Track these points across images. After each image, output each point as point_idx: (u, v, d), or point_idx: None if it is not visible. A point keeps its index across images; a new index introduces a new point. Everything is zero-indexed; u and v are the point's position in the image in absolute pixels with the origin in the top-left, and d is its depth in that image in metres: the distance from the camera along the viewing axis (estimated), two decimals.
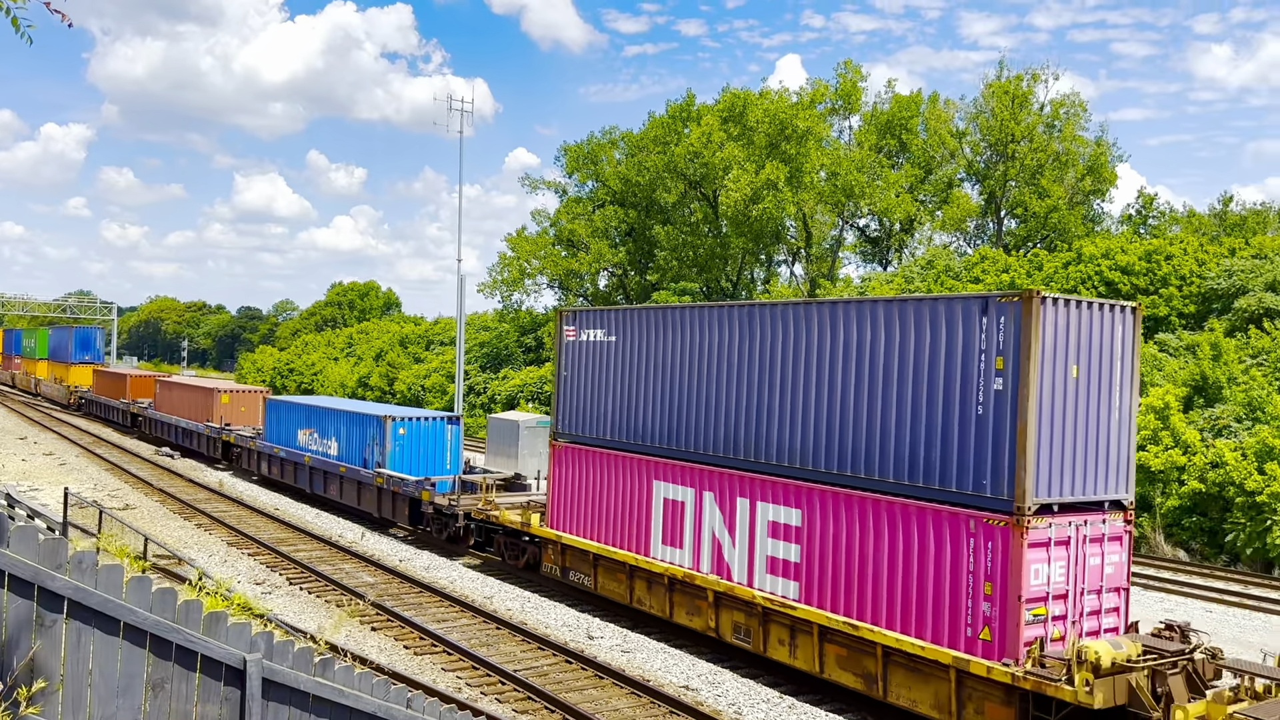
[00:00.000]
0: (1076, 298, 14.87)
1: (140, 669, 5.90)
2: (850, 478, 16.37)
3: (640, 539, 20.53)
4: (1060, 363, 14.43)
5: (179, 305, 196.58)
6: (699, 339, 19.49)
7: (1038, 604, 14.10)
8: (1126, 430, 15.35)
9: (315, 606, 21.62)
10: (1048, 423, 14.21)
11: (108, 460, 43.38)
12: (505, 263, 72.73)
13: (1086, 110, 58.06)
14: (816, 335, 17.14)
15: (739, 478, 18.41)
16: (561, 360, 23.05)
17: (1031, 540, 13.97)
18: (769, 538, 17.72)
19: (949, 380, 15.01)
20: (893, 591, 15.55)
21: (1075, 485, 14.70)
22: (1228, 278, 41.73)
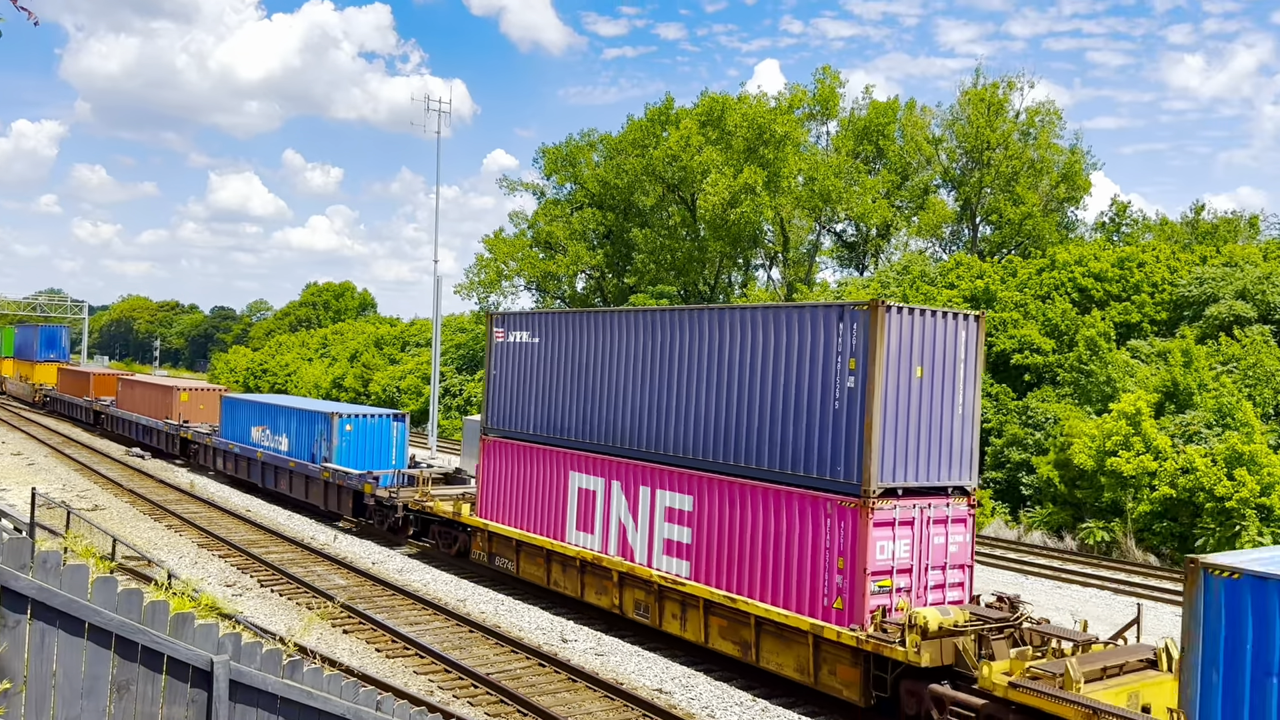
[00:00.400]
0: (921, 307, 16.68)
1: (105, 670, 5.82)
2: (734, 466, 18.09)
3: (557, 525, 22.09)
4: (905, 364, 16.22)
5: (151, 304, 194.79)
6: (608, 341, 21.08)
7: (883, 576, 15.88)
8: (969, 425, 17.10)
9: (286, 609, 21.44)
10: (892, 417, 16.03)
11: (77, 460, 42.89)
12: (482, 264, 72.54)
13: (1061, 118, 58.58)
14: (705, 338, 18.89)
15: (641, 468, 20.01)
16: (491, 360, 24.63)
17: (876, 520, 15.79)
18: (666, 522, 19.42)
19: (813, 379, 16.79)
20: (766, 567, 17.34)
21: (919, 472, 16.47)
22: (1199, 285, 42.18)
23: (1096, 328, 38.69)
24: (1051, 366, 40.71)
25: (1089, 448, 33.31)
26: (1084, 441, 33.64)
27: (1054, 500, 35.22)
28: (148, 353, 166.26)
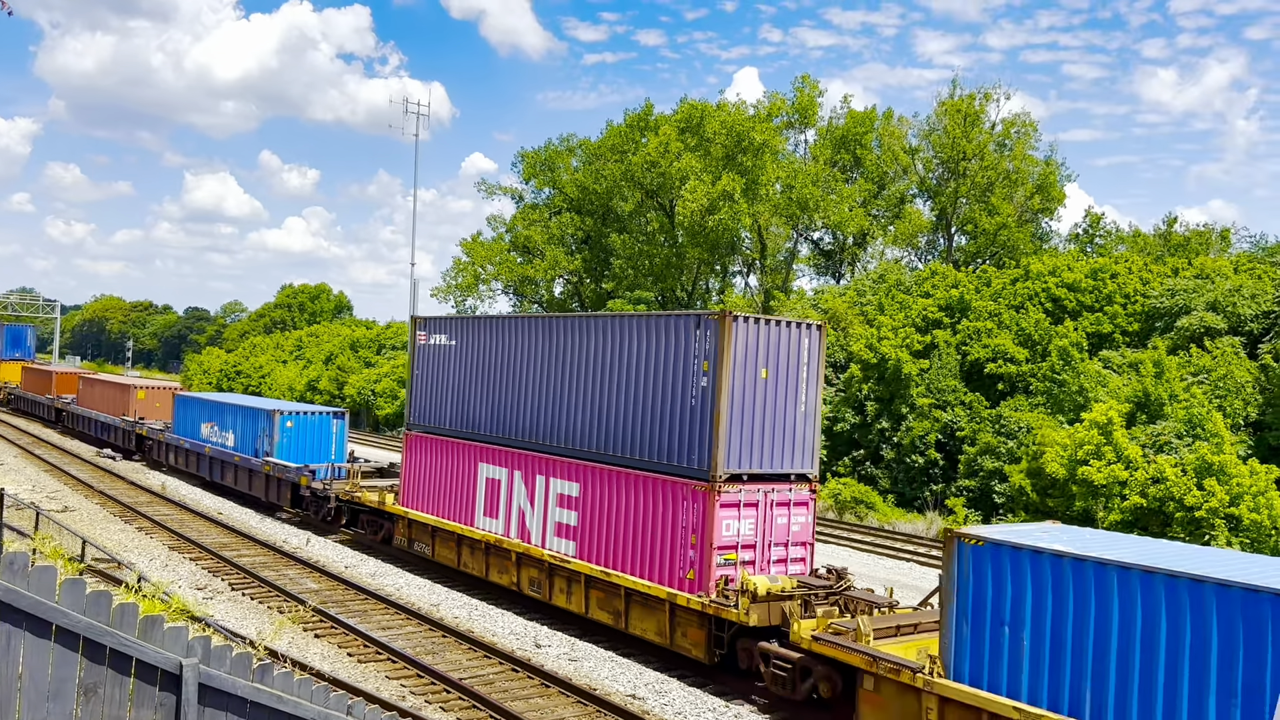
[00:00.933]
0: (767, 316, 18.99)
1: (72, 673, 5.76)
2: (613, 456, 20.11)
3: (468, 512, 24.12)
4: (751, 367, 18.33)
5: (124, 304, 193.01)
6: (512, 344, 23.20)
7: (728, 551, 18.16)
8: (811, 420, 19.35)
9: (257, 612, 21.28)
10: (738, 412, 18.17)
11: (47, 461, 42.42)
12: (460, 268, 72.32)
13: (1037, 130, 59.15)
14: (591, 342, 20.93)
15: (539, 458, 22.02)
16: (414, 361, 26.60)
17: (723, 502, 18.06)
18: (557, 507, 21.45)
19: (676, 379, 18.87)
20: (636, 545, 19.47)
21: (763, 461, 18.65)
22: (1170, 297, 42.66)
23: (1069, 338, 39.05)
24: (1025, 376, 41.04)
25: (1061, 457, 33.59)
26: (1056, 450, 33.92)
27: (1026, 509, 35.49)
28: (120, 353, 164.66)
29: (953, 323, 44.62)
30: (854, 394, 43.73)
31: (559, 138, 76.29)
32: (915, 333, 43.96)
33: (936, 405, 40.93)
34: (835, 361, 47.74)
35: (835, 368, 47.54)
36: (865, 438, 43.03)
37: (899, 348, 42.40)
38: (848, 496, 39.85)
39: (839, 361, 47.50)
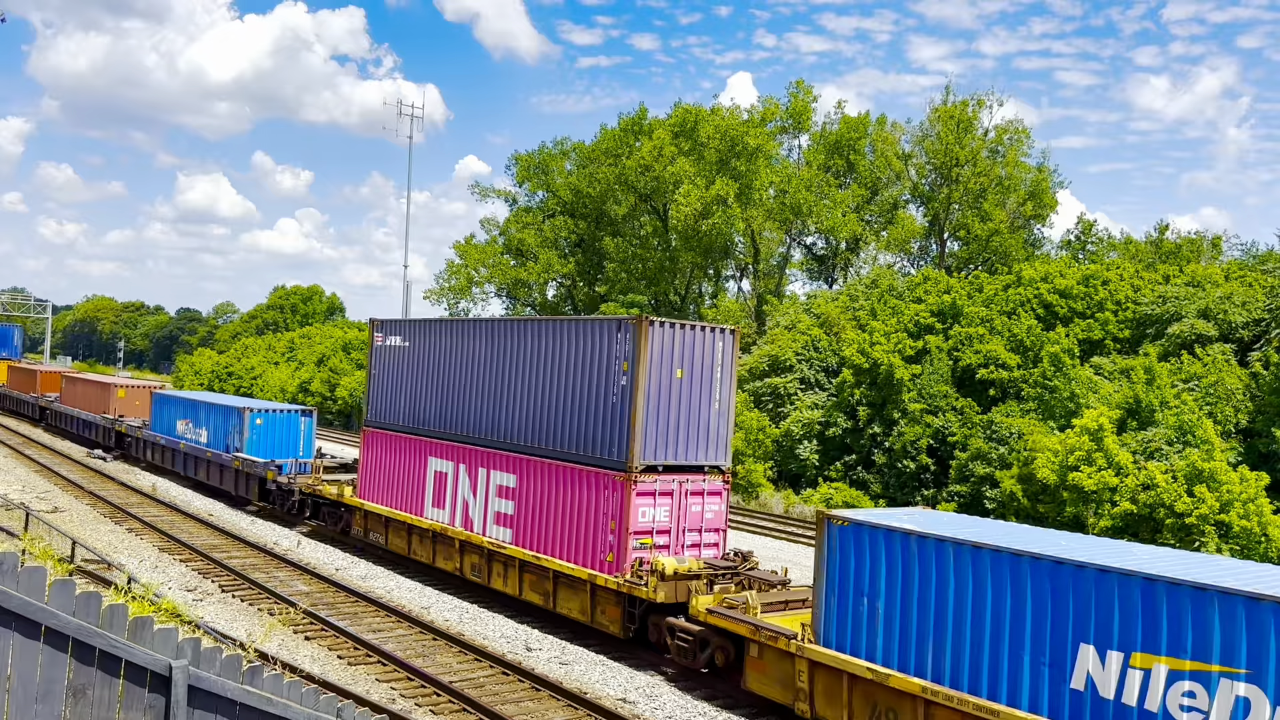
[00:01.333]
0: (683, 322, 20.26)
1: (61, 674, 5.75)
2: (545, 449, 21.53)
3: (418, 503, 25.57)
4: (667, 367, 19.80)
5: (116, 305, 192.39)
6: (458, 346, 24.64)
7: (644, 536, 19.61)
8: (725, 416, 20.75)
9: (247, 614, 21.23)
10: (654, 409, 19.60)
11: (37, 462, 42.26)
12: (453, 270, 72.29)
13: (1030, 137, 59.36)
14: (525, 344, 22.49)
15: (481, 452, 23.43)
16: (371, 361, 28.21)
17: (639, 491, 19.45)
18: (497, 497, 22.90)
19: (600, 378, 20.27)
20: (564, 531, 20.92)
21: (678, 453, 20.07)
22: (1162, 304, 42.81)
23: (1061, 344, 39.15)
24: (1016, 382, 41.14)
25: (1052, 463, 33.67)
26: (1047, 456, 34.00)
27: (1017, 514, 35.57)
28: (112, 354, 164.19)
29: (945, 328, 44.72)
30: (846, 399, 43.79)
31: (553, 141, 76.44)
32: (907, 338, 44.05)
33: (928, 411, 41.01)
34: (827, 366, 47.80)
35: (827, 372, 47.61)
36: (857, 443, 43.08)
37: (891, 353, 42.48)
38: (839, 501, 39.89)
39: (831, 366, 47.57)
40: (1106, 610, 12.28)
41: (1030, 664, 12.87)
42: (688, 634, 18.09)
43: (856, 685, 14.91)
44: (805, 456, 43.39)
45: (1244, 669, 11.14)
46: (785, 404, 46.74)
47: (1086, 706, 12.39)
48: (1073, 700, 12.51)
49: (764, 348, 49.98)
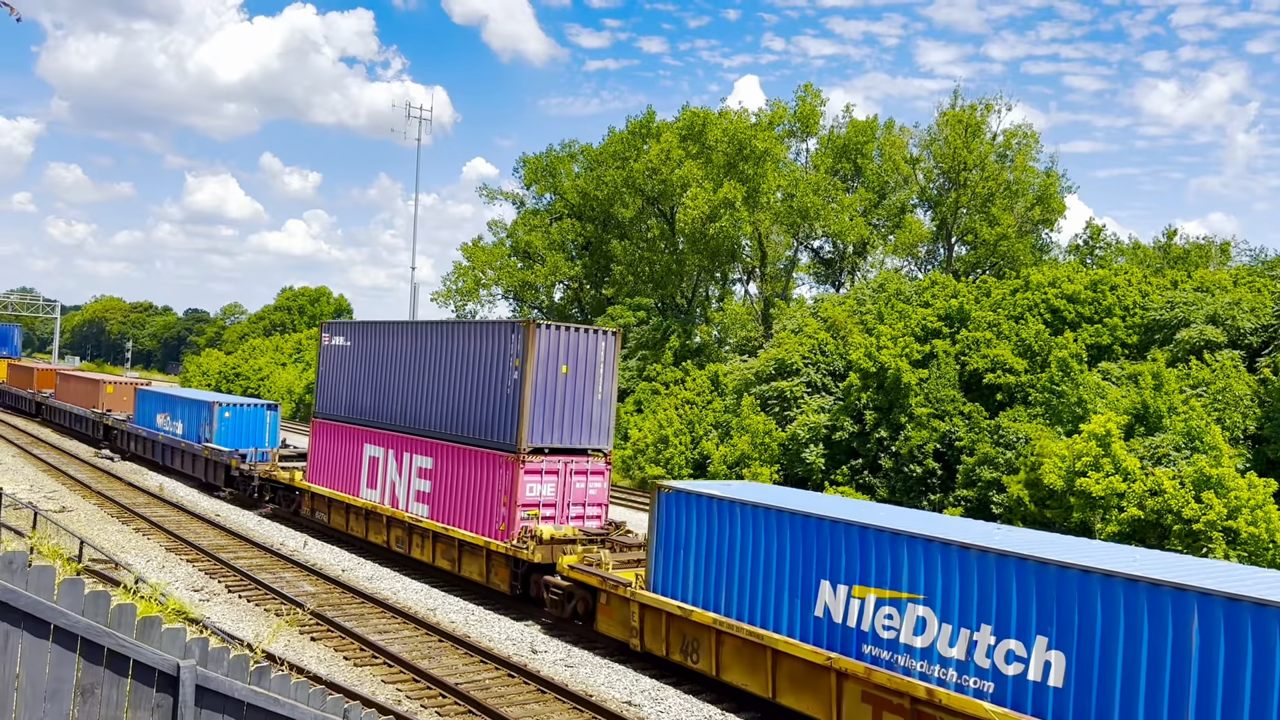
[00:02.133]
0: (567, 324, 23.27)
1: (70, 673, 5.76)
2: (454, 435, 24.79)
3: (354, 485, 28.72)
4: (553, 364, 22.91)
5: (124, 305, 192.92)
6: (388, 344, 27.94)
7: (531, 508, 22.79)
8: (607, 406, 23.99)
9: (254, 615, 21.26)
10: (541, 399, 22.78)
11: (45, 461, 42.39)
12: (460, 272, 72.35)
13: (1038, 141, 59.22)
14: (439, 344, 25.67)
15: (406, 438, 26.60)
16: (320, 359, 31.43)
17: (526, 469, 22.68)
18: (417, 477, 25.98)
19: (497, 373, 23.46)
20: (469, 505, 24.10)
21: (563, 437, 23.25)
22: (1170, 309, 42.69)
23: (1069, 349, 39.06)
24: (1024, 387, 41.05)
25: (1059, 468, 33.59)
26: (1054, 462, 33.92)
27: (1024, 519, 35.47)
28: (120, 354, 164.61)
29: (952, 333, 44.65)
30: (853, 403, 43.73)
31: (561, 144, 76.48)
32: (914, 342, 43.98)
33: (935, 415, 40.93)
34: (834, 370, 47.75)
35: (834, 376, 47.55)
36: (863, 447, 43.02)
37: (898, 357, 42.41)
38: None
39: (838, 370, 47.51)
40: (837, 554, 15.59)
41: (788, 598, 16.32)
42: (558, 588, 21.19)
43: (672, 622, 18.36)
44: (811, 460, 43.32)
45: (922, 595, 14.45)
46: (792, 408, 46.69)
47: (824, 629, 15.72)
48: (815, 625, 15.88)
49: (770, 351, 49.93)
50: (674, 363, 56.71)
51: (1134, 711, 12.07)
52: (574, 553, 21.31)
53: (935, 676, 14.19)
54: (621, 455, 48.28)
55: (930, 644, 14.28)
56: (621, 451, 48.80)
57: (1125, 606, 12.27)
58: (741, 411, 46.26)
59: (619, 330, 24.63)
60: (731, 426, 46.68)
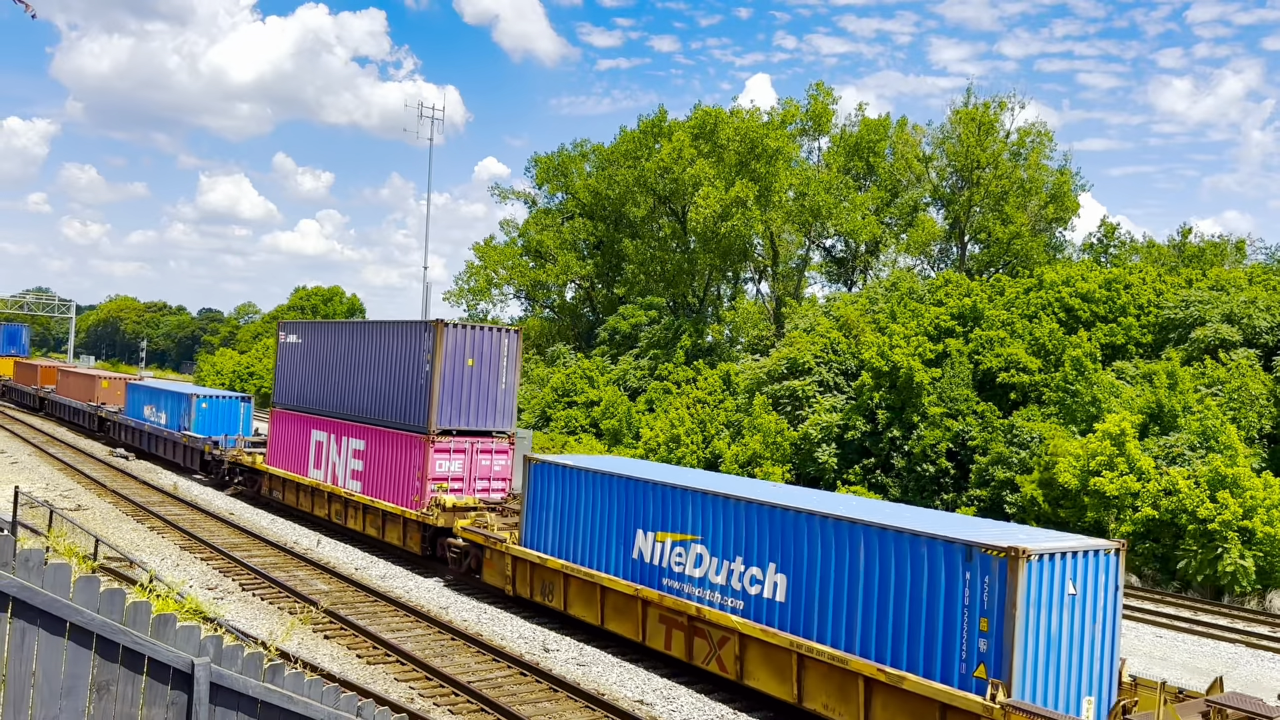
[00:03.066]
0: (472, 324, 27.00)
1: (85, 670, 5.80)
2: (381, 420, 28.53)
3: (304, 466, 32.21)
4: (459, 358, 26.48)
5: (139, 305, 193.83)
6: (330, 342, 31.69)
7: (441, 482, 26.31)
8: (509, 394, 27.47)
9: (268, 613, 21.34)
10: (449, 388, 26.33)
11: (61, 460, 42.64)
12: (472, 272, 72.49)
13: (1052, 140, 58.93)
14: (368, 341, 29.50)
15: (344, 424, 30.29)
16: (278, 355, 34.67)
17: (436, 449, 26.29)
18: (352, 458, 29.60)
19: (415, 366, 27.05)
20: (391, 480, 27.75)
21: (469, 421, 26.87)
22: (1185, 308, 42.47)
23: (1083, 348, 38.90)
24: (1037, 386, 40.90)
25: (1073, 467, 33.45)
26: (1068, 461, 33.78)
27: (1038, 519, 35.35)
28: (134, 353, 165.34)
29: (965, 331, 44.51)
30: (865, 402, 43.64)
31: (572, 143, 76.56)
32: (927, 341, 43.86)
33: (948, 414, 40.82)
34: (846, 369, 47.65)
35: (846, 375, 47.45)
36: (876, 446, 42.92)
37: (911, 356, 42.30)
38: None
39: (850, 369, 47.41)
40: (647, 508, 19.46)
41: (614, 544, 20.16)
42: (455, 548, 24.75)
43: (535, 570, 22.21)
44: (824, 460, 43.25)
45: (699, 536, 18.42)
46: (804, 407, 46.62)
47: (638, 568, 19.61)
48: (631, 565, 19.75)
49: (782, 350, 49.86)
50: (685, 362, 56.69)
51: (826, 612, 15.99)
52: (470, 517, 25.05)
53: (705, 599, 18.15)
54: (634, 455, 48.26)
55: (704, 574, 18.29)
56: (634, 451, 48.82)
57: (820, 536, 16.17)
58: (753, 411, 46.21)
59: (520, 328, 28.68)
60: (743, 426, 46.64)
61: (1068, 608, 14.19)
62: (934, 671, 14.37)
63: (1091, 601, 14.55)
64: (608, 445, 51.40)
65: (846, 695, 15.53)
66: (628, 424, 52.58)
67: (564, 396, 58.33)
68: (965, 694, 13.76)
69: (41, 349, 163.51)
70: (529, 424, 57.00)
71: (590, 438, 53.81)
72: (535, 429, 55.40)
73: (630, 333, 62.25)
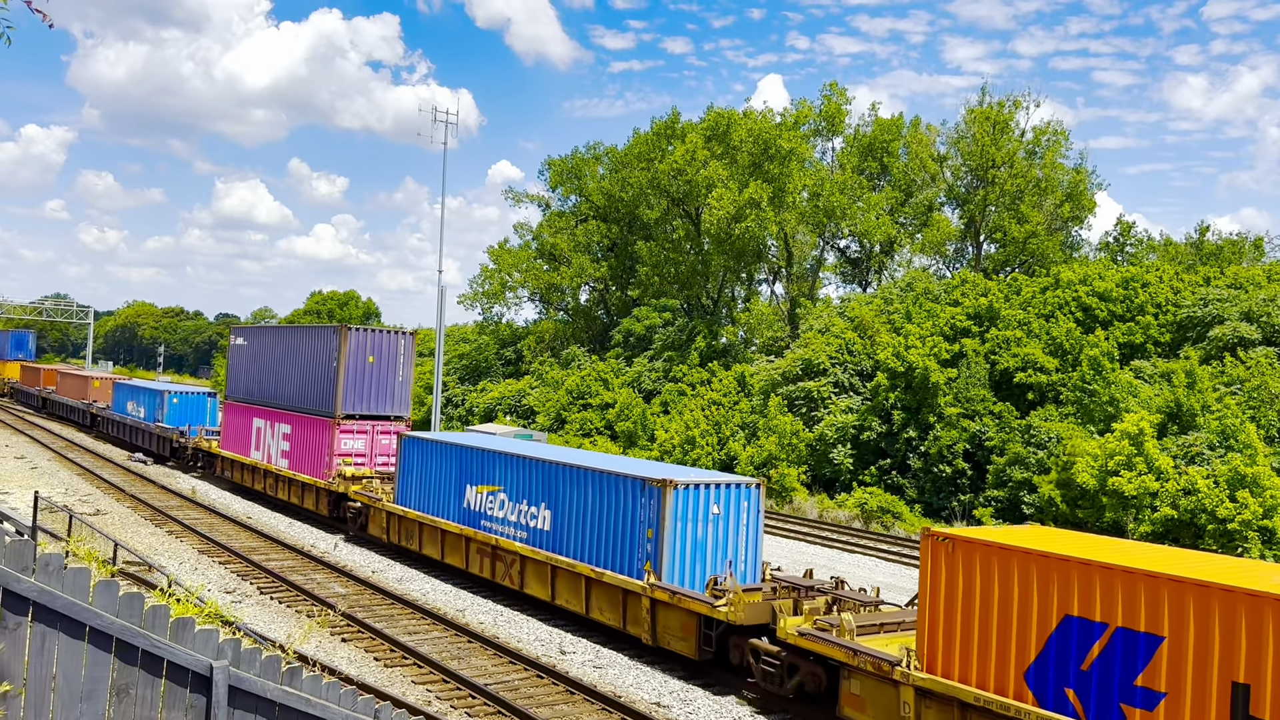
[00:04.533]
0: (371, 327, 34.05)
1: (105, 674, 5.83)
2: (302, 408, 34.18)
3: (247, 449, 38.00)
4: (361, 355, 32.20)
5: (156, 310, 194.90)
6: (265, 343, 37.59)
7: (346, 457, 31.88)
8: (406, 386, 33.07)
9: (285, 616, 21.42)
10: (353, 380, 32.05)
11: (80, 465, 42.93)
12: (486, 275, 72.65)
13: (1068, 139, 58.62)
14: (291, 343, 35.48)
15: (276, 412, 35.89)
16: (230, 356, 40.80)
17: (341, 430, 32.03)
18: (282, 440, 35.24)
19: (324, 362, 32.85)
20: (308, 456, 33.32)
21: (369, 407, 32.54)
22: (1203, 307, 42.18)
23: (1100, 347, 38.67)
24: (1055, 385, 40.68)
25: (1091, 467, 33.26)
26: (1086, 461, 33.59)
27: (1055, 520, 35.16)
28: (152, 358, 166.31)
29: (981, 331, 44.32)
30: (880, 403, 43.52)
31: (585, 146, 76.55)
32: (943, 341, 43.70)
33: (965, 415, 40.65)
34: (862, 370, 47.51)
35: (861, 376, 47.32)
36: (892, 447, 42.79)
37: (927, 356, 42.15)
38: (874, 506, 39.62)
39: (865, 370, 47.27)
40: (473, 468, 25.25)
41: (453, 497, 25.85)
42: (352, 509, 30.58)
43: (402, 522, 28.00)
44: (839, 461, 43.15)
45: (502, 486, 24.23)
46: (819, 408, 46.52)
47: (467, 514, 25.32)
48: (463, 512, 25.45)
49: (797, 351, 49.76)
50: (700, 364, 56.63)
51: (572, 534, 21.85)
52: (366, 486, 30.53)
53: (504, 533, 23.99)
54: (649, 457, 48.25)
55: (505, 515, 24.02)
56: (648, 453, 48.79)
57: (567, 481, 22.15)
58: (768, 412, 46.13)
59: (414, 332, 34.14)
60: (758, 427, 46.56)
61: (712, 524, 20.05)
62: (623, 568, 20.42)
63: (735, 519, 20.35)
64: (623, 447, 51.38)
65: (576, 590, 21.70)
66: (642, 426, 52.57)
67: (579, 399, 58.35)
68: (635, 580, 19.88)
69: (60, 355, 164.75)
70: (544, 426, 57.04)
71: (605, 440, 53.82)
72: (551, 431, 55.44)
73: (644, 335, 62.24)
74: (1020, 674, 13.20)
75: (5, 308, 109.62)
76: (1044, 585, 12.96)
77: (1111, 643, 12.28)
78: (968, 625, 13.82)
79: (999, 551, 13.56)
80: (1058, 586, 12.83)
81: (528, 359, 69.94)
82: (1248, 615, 11.13)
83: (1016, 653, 13.27)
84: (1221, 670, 11.31)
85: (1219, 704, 11.32)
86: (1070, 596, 12.70)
